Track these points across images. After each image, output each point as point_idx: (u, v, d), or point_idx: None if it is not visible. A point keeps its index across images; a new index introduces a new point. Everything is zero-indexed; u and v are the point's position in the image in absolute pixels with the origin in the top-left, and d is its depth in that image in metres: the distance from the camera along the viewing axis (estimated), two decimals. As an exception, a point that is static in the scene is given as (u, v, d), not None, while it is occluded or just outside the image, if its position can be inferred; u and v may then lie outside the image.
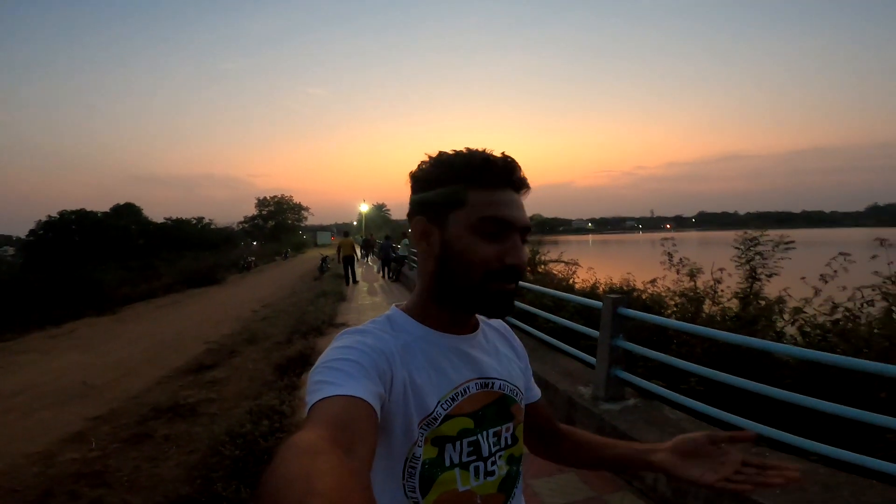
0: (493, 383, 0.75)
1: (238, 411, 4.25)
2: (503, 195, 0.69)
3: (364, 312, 10.10)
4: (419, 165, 0.74)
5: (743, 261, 4.56)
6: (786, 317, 3.88)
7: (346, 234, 17.12)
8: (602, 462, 0.87)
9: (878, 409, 2.15)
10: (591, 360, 3.52)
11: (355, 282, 15.50)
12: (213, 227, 50.41)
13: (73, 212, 39.70)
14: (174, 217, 46.93)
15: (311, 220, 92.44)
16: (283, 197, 74.22)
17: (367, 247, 26.35)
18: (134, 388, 6.17)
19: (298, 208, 76.09)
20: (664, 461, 0.76)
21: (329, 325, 8.37)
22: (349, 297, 12.46)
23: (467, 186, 0.68)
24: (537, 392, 0.87)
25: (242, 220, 72.19)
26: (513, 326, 4.28)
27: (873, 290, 3.39)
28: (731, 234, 4.80)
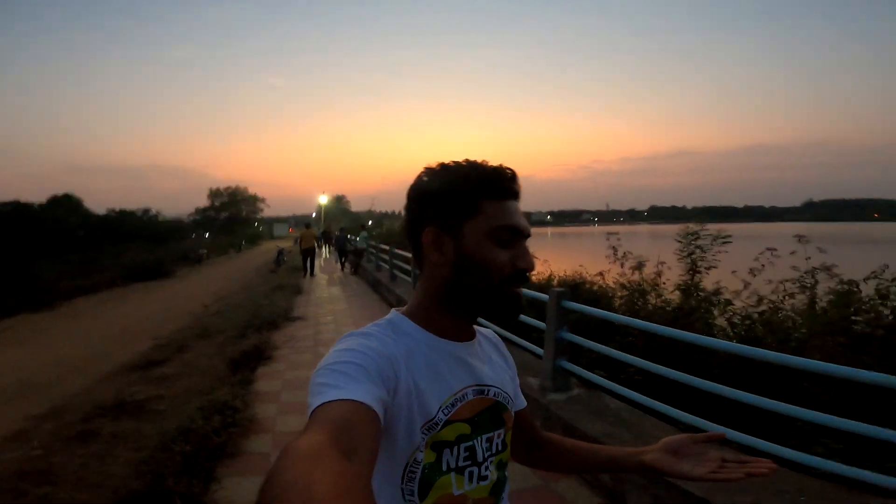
0: (488, 390, 0.77)
1: (189, 407, 4.16)
2: (511, 205, 0.74)
3: (322, 305, 10.00)
4: (421, 177, 0.76)
5: (685, 254, 4.81)
6: (718, 309, 4.14)
7: (308, 226, 16.87)
8: (591, 465, 0.92)
9: (800, 399, 2.35)
10: (541, 351, 3.64)
11: (312, 275, 15.29)
12: (160, 218, 48.29)
13: (5, 203, 37.15)
14: (118, 208, 44.67)
15: (268, 212, 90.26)
16: (237, 188, 71.89)
17: (327, 239, 26.08)
18: (77, 386, 5.92)
19: (254, 200, 73.93)
20: (656, 460, 0.82)
21: (285, 318, 8.26)
22: (306, 290, 12.29)
23: (480, 197, 0.72)
24: (523, 401, 0.90)
25: (193, 211, 69.40)
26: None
27: (793, 283, 3.68)
28: (679, 228, 5.05)
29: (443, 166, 0.75)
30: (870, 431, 1.82)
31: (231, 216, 68.08)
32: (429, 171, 0.76)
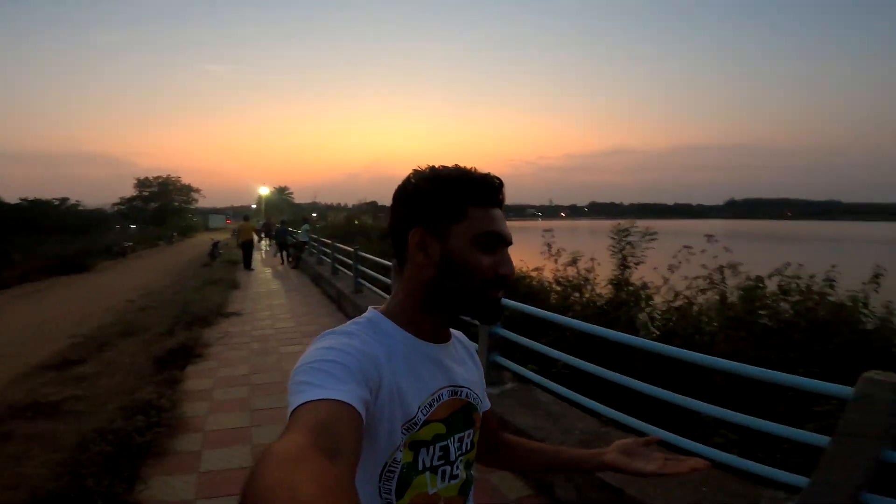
0: (461, 391, 0.80)
1: (109, 408, 3.96)
2: (496, 212, 0.76)
3: (259, 300, 9.70)
4: (410, 178, 0.77)
5: (617, 250, 5.04)
6: (641, 304, 4.37)
7: (247, 219, 16.48)
8: (554, 466, 0.96)
9: (708, 389, 2.49)
10: (475, 346, 3.69)
11: (251, 268, 14.83)
12: (80, 208, 44.72)
13: None
14: (31, 197, 40.78)
15: (204, 203, 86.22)
16: (168, 177, 67.71)
17: (268, 231, 25.21)
18: (-17, 389, 5.42)
19: (187, 189, 69.95)
20: (615, 460, 0.89)
21: (218, 314, 7.95)
22: (244, 285, 11.87)
23: (468, 203, 0.73)
24: (488, 402, 0.92)
25: (118, 201, 64.78)
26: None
27: (704, 279, 3.95)
28: (615, 224, 5.27)
29: (432, 170, 0.76)
30: (756, 424, 1.99)
31: (161, 206, 64.10)
32: (418, 174, 0.77)
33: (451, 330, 0.84)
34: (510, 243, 0.77)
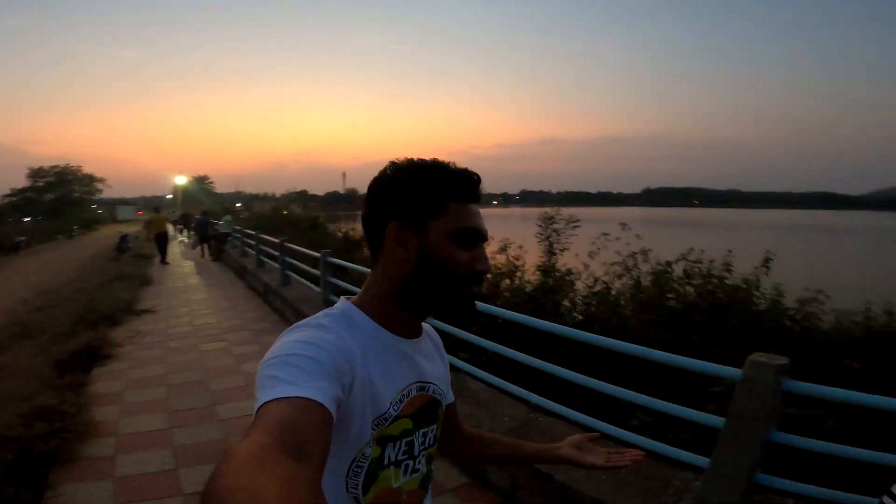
0: (428, 387, 0.80)
1: (5, 414, 3.59)
2: (473, 208, 0.76)
3: (175, 296, 9.13)
4: (387, 170, 0.75)
5: (543, 237, 5.21)
6: (566, 289, 4.56)
7: (157, 210, 15.46)
8: (513, 458, 1.01)
9: (625, 372, 2.59)
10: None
11: (166, 262, 13.91)
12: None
13: None
14: None
15: (111, 193, 79.57)
16: (67, 166, 61.30)
17: (186, 223, 23.62)
18: None
19: (90, 179, 63.68)
20: (568, 454, 0.95)
21: (127, 311, 7.40)
22: (158, 280, 11.09)
23: (447, 198, 0.72)
24: (451, 396, 0.92)
25: (8, 192, 57.98)
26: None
27: (620, 265, 4.18)
28: (543, 211, 5.39)
29: (410, 163, 0.75)
30: (662, 407, 2.12)
31: (59, 198, 58.00)
32: (395, 167, 0.75)
33: (422, 325, 0.84)
34: (487, 239, 0.78)
